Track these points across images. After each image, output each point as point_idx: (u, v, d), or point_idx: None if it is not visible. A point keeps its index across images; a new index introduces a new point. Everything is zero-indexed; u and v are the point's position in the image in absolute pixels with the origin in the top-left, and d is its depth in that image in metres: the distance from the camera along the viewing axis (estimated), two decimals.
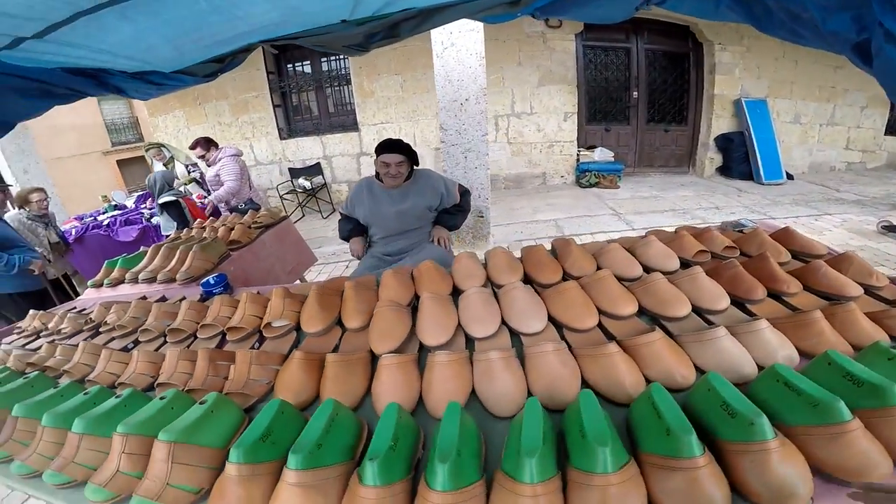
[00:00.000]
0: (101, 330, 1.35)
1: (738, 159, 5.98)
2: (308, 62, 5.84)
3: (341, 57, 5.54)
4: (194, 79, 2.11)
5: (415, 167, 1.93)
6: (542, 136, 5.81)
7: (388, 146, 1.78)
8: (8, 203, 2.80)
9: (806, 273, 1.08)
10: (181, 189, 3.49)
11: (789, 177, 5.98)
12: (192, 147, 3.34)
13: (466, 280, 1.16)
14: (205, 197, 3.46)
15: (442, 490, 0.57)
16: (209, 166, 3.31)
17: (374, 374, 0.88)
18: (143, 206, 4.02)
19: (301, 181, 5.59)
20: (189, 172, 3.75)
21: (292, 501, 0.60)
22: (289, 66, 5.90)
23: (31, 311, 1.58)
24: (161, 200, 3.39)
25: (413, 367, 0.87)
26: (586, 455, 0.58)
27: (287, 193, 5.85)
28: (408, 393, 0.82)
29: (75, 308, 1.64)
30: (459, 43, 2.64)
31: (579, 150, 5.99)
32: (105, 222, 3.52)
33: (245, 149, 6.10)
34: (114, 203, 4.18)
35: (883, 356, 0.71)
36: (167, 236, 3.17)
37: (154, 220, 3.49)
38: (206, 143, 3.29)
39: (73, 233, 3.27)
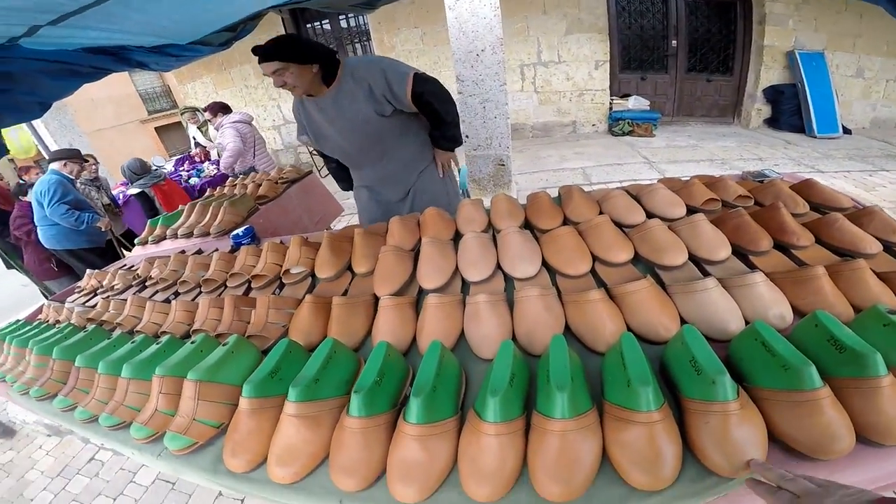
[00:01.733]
0: (146, 284, 1.51)
1: (788, 111, 5.52)
2: (327, 21, 5.75)
3: (361, 14, 5.41)
4: (210, 48, 2.17)
5: (346, 63, 1.41)
6: (572, 84, 5.59)
7: (257, 53, 1.27)
8: (86, 173, 3.05)
9: (820, 226, 0.99)
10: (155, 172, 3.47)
11: (846, 131, 5.48)
12: (204, 110, 3.43)
13: (467, 225, 1.20)
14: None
15: (415, 422, 0.62)
16: (216, 131, 3.40)
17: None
18: (181, 168, 4.23)
19: None
20: (153, 168, 3.59)
21: (290, 430, 0.67)
22: (308, 25, 5.83)
23: (88, 271, 1.76)
24: (130, 192, 3.42)
25: (410, 310, 0.94)
26: (548, 399, 0.59)
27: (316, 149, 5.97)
28: (403, 333, 0.88)
29: (125, 265, 1.82)
30: None
31: (612, 99, 5.72)
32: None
33: (273, 109, 6.21)
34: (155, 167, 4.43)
35: (878, 322, 0.64)
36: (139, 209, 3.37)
37: (192, 181, 3.69)
38: (215, 109, 3.34)
39: (121, 197, 3.52)
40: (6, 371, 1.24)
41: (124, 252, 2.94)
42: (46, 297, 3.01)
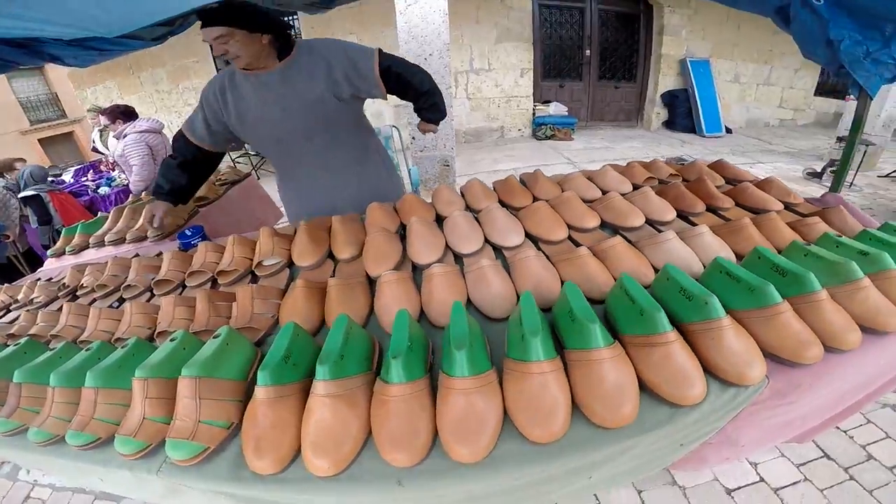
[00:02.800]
0: (79, 294, 1.30)
1: (682, 114, 6.35)
2: None
3: (291, 18, 5.23)
4: (141, 43, 1.97)
5: (301, 41, 1.31)
6: (500, 91, 5.91)
7: (203, 17, 1.13)
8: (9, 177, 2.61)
9: (736, 192, 1.24)
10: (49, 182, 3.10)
11: (728, 130, 6.44)
12: (100, 113, 2.87)
13: (447, 206, 1.24)
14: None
15: (461, 376, 0.61)
16: (117, 140, 2.83)
17: (374, 296, 0.93)
18: (83, 178, 3.73)
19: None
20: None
21: (325, 413, 0.61)
22: (284, 21, 5.51)
23: None
24: (22, 195, 2.98)
25: (411, 283, 0.93)
26: (580, 334, 0.63)
27: (239, 157, 5.61)
28: (409, 306, 0.87)
29: (40, 278, 1.57)
30: (423, 0, 2.62)
31: (535, 105, 6.15)
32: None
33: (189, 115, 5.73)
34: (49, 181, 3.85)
35: (800, 252, 0.83)
36: (35, 229, 2.98)
37: (101, 191, 3.26)
38: (115, 113, 2.77)
39: None
40: None
41: (28, 270, 2.53)
42: None
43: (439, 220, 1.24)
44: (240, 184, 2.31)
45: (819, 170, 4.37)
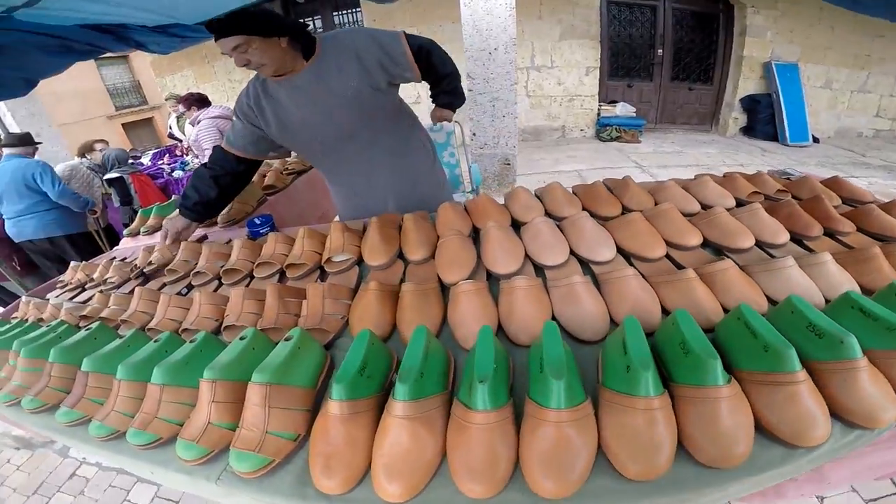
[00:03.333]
0: (146, 272, 1.33)
1: (763, 120, 5.81)
2: (319, 16, 5.62)
3: (354, 10, 5.31)
4: None
5: (323, 36, 1.24)
6: (563, 89, 5.69)
7: (216, 28, 1.07)
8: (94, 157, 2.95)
9: (858, 215, 1.07)
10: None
11: (815, 140, 5.82)
12: (177, 102, 3.04)
13: (526, 211, 1.14)
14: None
15: (557, 408, 0.54)
16: (192, 126, 3.03)
17: (447, 304, 0.86)
18: (160, 161, 3.98)
19: None
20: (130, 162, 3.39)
21: (401, 435, 0.57)
22: (299, 21, 5.68)
23: (73, 264, 1.55)
24: (107, 176, 3.16)
25: (488, 294, 0.86)
26: (696, 369, 0.56)
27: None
28: (488, 320, 0.80)
29: (115, 257, 1.63)
30: None
31: (600, 105, 5.85)
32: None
33: None
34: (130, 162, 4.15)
35: None
36: (117, 208, 3.17)
37: (175, 175, 3.46)
38: (191, 101, 2.95)
39: None
40: None
41: (107, 246, 2.72)
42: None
43: (514, 225, 1.15)
44: (306, 174, 2.33)
45: None
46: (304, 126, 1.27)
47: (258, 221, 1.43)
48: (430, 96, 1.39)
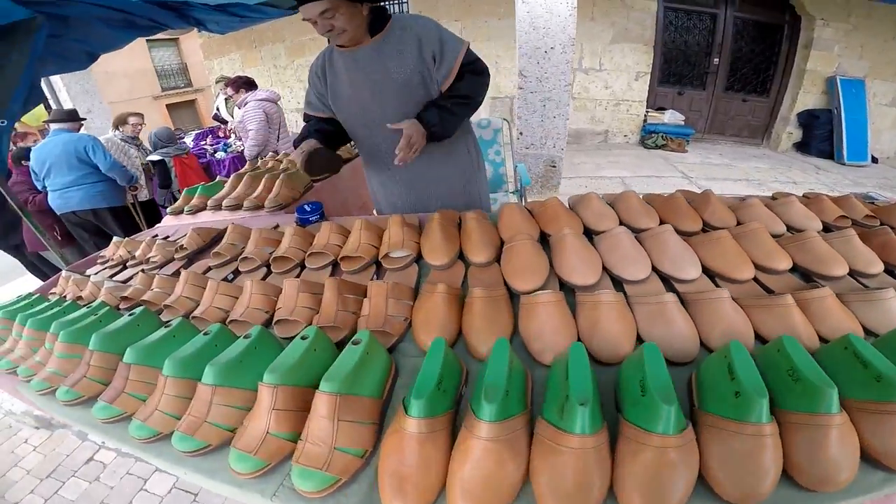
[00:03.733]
0: (192, 258, 1.29)
1: (819, 137, 5.47)
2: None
3: (402, 1, 5.28)
4: (278, 11, 2.01)
5: (395, 16, 1.23)
6: (610, 93, 5.50)
7: None
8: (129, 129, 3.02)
9: None
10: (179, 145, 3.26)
11: (874, 160, 5.44)
12: (226, 84, 3.10)
13: (600, 220, 1.06)
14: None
15: (664, 433, 0.50)
16: (238, 108, 3.08)
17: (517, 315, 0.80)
18: (202, 142, 4.05)
19: None
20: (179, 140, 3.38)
21: (486, 458, 0.51)
22: None
23: (115, 239, 1.51)
24: (150, 158, 3.16)
25: (567, 308, 0.79)
26: (808, 397, 0.54)
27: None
28: (567, 334, 0.73)
29: (157, 235, 1.60)
30: None
31: (647, 111, 5.64)
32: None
33: (300, 91, 6.05)
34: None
35: None
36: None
37: (218, 156, 3.50)
38: (238, 84, 2.99)
39: None
40: (16, 360, 0.94)
41: (143, 222, 2.77)
42: (41, 270, 2.83)
43: (587, 234, 1.06)
44: (351, 162, 2.30)
45: None
46: (351, 102, 1.27)
47: (308, 208, 1.39)
48: (429, 105, 1.22)
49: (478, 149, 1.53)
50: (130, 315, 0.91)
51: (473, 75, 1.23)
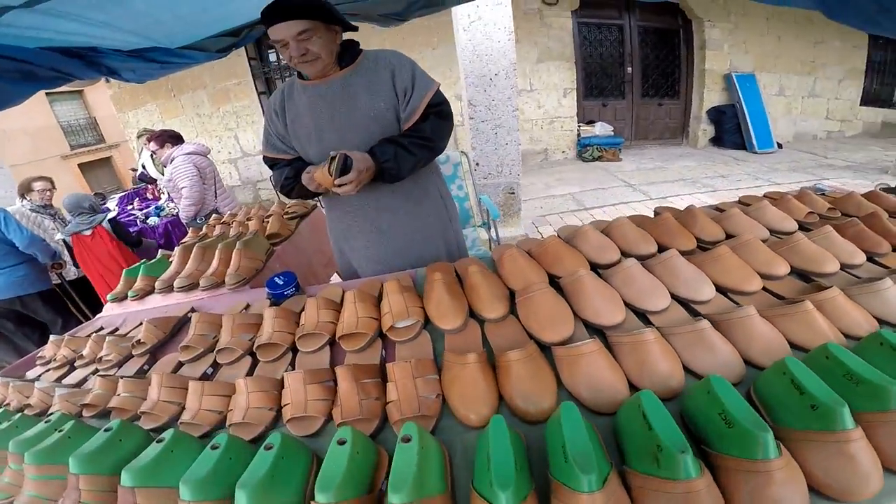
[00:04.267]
0: (152, 352, 1.13)
1: (730, 130, 6.10)
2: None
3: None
4: (206, 55, 1.87)
5: (360, 47, 1.16)
6: (543, 112, 5.76)
7: (276, 10, 0.98)
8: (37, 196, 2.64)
9: None
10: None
11: (779, 146, 6.15)
12: (149, 140, 2.85)
13: (603, 252, 1.04)
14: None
15: (765, 458, 0.48)
16: (165, 166, 2.83)
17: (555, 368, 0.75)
18: (129, 206, 3.66)
19: None
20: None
21: None
22: (270, 51, 5.53)
23: (53, 338, 1.32)
24: (58, 237, 2.70)
25: (609, 353, 0.75)
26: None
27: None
28: (618, 382, 0.70)
29: (102, 328, 1.39)
30: (487, 17, 2.49)
31: (579, 126, 5.97)
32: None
33: (229, 140, 5.71)
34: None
35: None
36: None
37: (151, 222, 3.17)
38: (163, 139, 2.75)
39: None
40: None
41: (80, 304, 2.41)
42: None
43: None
44: (308, 216, 2.15)
45: (894, 185, 4.05)
46: (313, 140, 1.17)
47: (280, 281, 1.24)
48: (382, 140, 1.13)
49: (448, 191, 1.47)
50: (107, 430, 0.76)
51: (439, 118, 1.15)
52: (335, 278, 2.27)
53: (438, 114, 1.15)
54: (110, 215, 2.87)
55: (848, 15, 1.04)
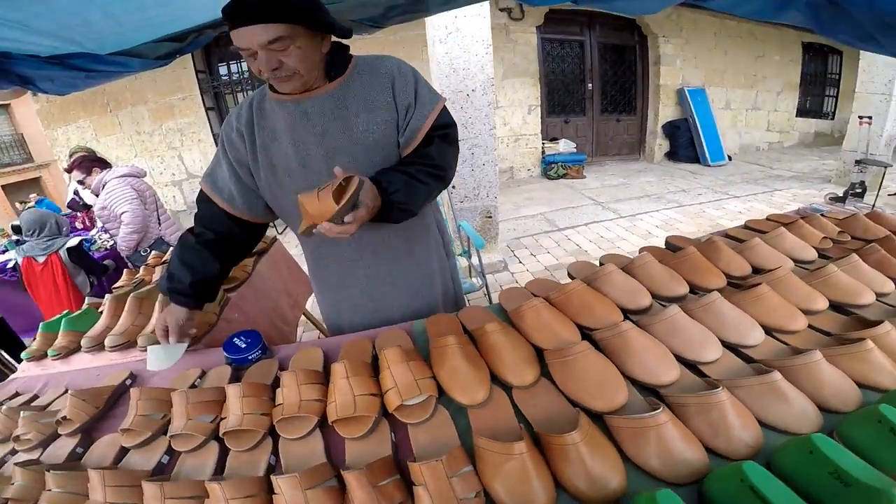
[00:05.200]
0: (84, 431, 0.87)
1: (684, 144, 6.40)
2: (244, 60, 5.18)
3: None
4: (141, 62, 1.60)
5: (351, 54, 0.93)
6: (508, 129, 5.75)
7: (241, 8, 0.74)
8: None
9: None
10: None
11: (728, 158, 6.51)
12: (69, 169, 2.48)
13: (635, 298, 0.92)
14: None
15: None
16: (95, 195, 2.47)
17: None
18: None
19: None
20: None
21: None
22: (221, 64, 5.18)
23: None
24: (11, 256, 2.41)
25: (678, 420, 0.64)
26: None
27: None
28: (696, 450, 0.59)
29: (17, 393, 1.11)
30: (465, 29, 2.36)
31: (544, 143, 6.01)
32: (11, 264, 2.70)
33: (172, 161, 5.25)
34: (15, 239, 3.27)
35: None
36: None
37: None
38: (89, 165, 2.41)
39: None
40: None
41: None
42: None
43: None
44: (267, 253, 1.89)
45: (840, 194, 4.36)
46: (294, 171, 0.92)
47: (242, 344, 1.00)
48: (384, 169, 0.88)
49: (443, 221, 1.29)
50: None
51: (445, 143, 0.93)
52: (305, 324, 1.99)
53: (444, 137, 0.93)
54: (71, 242, 2.48)
55: (841, 31, 1.01)
